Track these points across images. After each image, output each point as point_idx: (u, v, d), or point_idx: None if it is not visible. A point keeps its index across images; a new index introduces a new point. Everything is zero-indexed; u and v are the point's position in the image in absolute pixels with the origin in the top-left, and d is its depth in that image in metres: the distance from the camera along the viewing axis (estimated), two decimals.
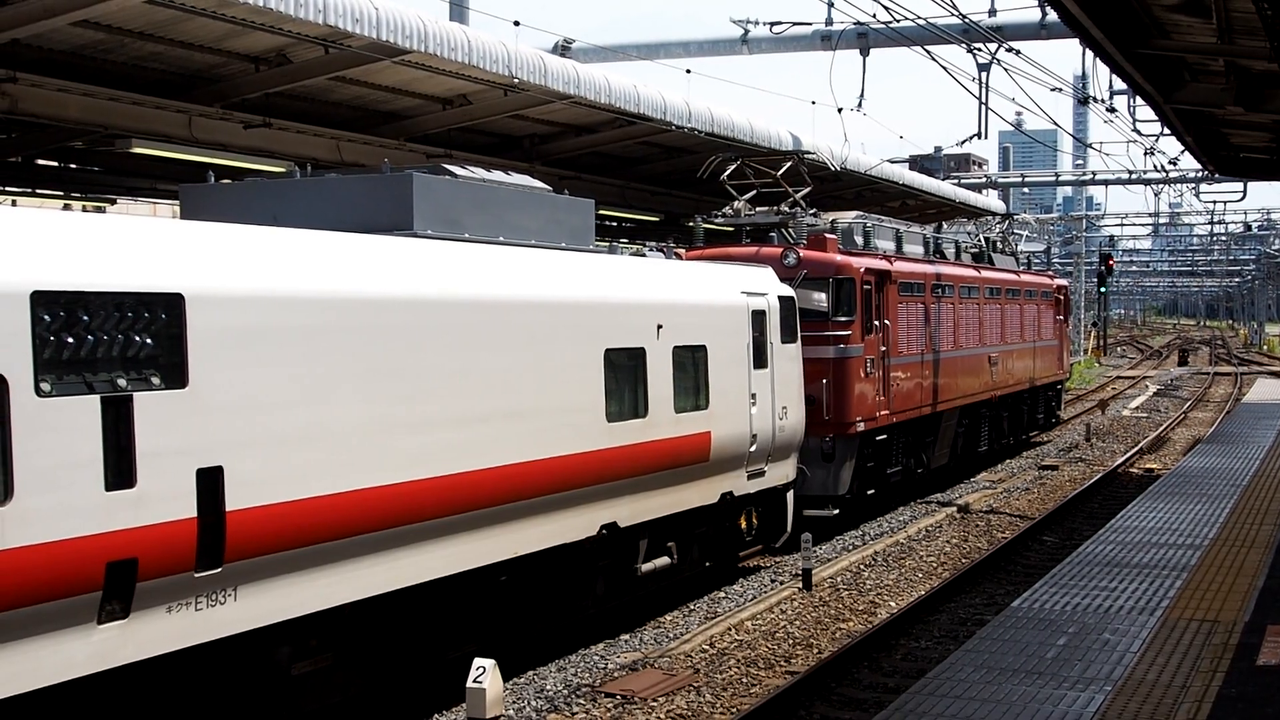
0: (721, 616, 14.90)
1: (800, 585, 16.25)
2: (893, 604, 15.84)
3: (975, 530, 20.74)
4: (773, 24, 29.13)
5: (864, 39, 27.57)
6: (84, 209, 21.57)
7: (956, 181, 46.78)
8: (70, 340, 7.97)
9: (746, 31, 29.23)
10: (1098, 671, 9.78)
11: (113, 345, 8.20)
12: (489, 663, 10.98)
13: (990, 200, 45.96)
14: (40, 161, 18.68)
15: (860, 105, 27.34)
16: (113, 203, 22.33)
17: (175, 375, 8.55)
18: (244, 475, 8.93)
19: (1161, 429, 35.20)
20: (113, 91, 15.27)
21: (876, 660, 13.31)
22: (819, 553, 18.46)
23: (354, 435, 9.87)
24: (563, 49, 27.98)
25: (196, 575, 8.68)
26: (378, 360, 10.15)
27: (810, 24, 28.80)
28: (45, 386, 7.77)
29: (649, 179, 26.32)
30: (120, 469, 8.14)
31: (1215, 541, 14.86)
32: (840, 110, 26.81)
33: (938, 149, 60.42)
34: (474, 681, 10.94)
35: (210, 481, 8.71)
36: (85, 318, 8.05)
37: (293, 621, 9.56)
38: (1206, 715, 8.74)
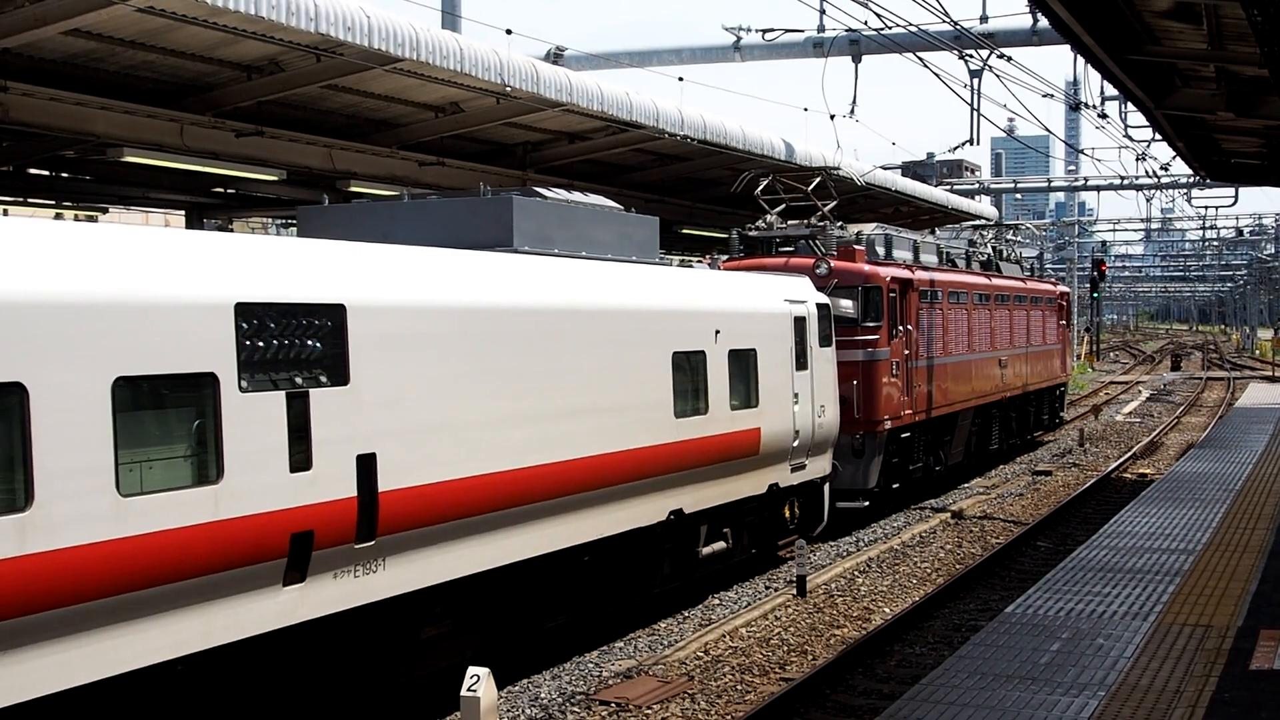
0: (716, 623, 14.89)
1: (794, 592, 16.24)
2: (887, 610, 15.83)
3: (969, 536, 20.74)
4: (765, 31, 29.14)
5: (856, 46, 27.59)
6: (76, 218, 21.57)
7: (949, 188, 46.82)
8: (261, 344, 9.28)
9: (738, 39, 29.24)
10: (1091, 677, 9.78)
11: (291, 348, 9.55)
12: (483, 671, 10.94)
13: (983, 206, 46.00)
14: (32, 170, 18.65)
15: (853, 112, 27.39)
16: (105, 211, 22.31)
17: (339, 374, 9.90)
18: (392, 461, 10.27)
19: (1154, 434, 35.25)
20: (104, 100, 15.25)
21: (871, 666, 13.30)
22: (813, 559, 18.47)
23: (472, 428, 11.23)
24: (555, 57, 27.99)
25: (356, 547, 9.99)
26: (489, 362, 11.53)
27: (802, 31, 28.81)
28: (244, 384, 9.09)
29: (642, 186, 26.34)
30: (300, 454, 9.48)
31: (1208, 546, 14.86)
32: (833, 117, 26.86)
33: (930, 155, 60.46)
34: (468, 690, 10.90)
35: (366, 466, 10.03)
36: (272, 325, 9.37)
37: (424, 590, 10.86)
38: None
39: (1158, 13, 13.36)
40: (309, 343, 9.65)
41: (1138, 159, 37.48)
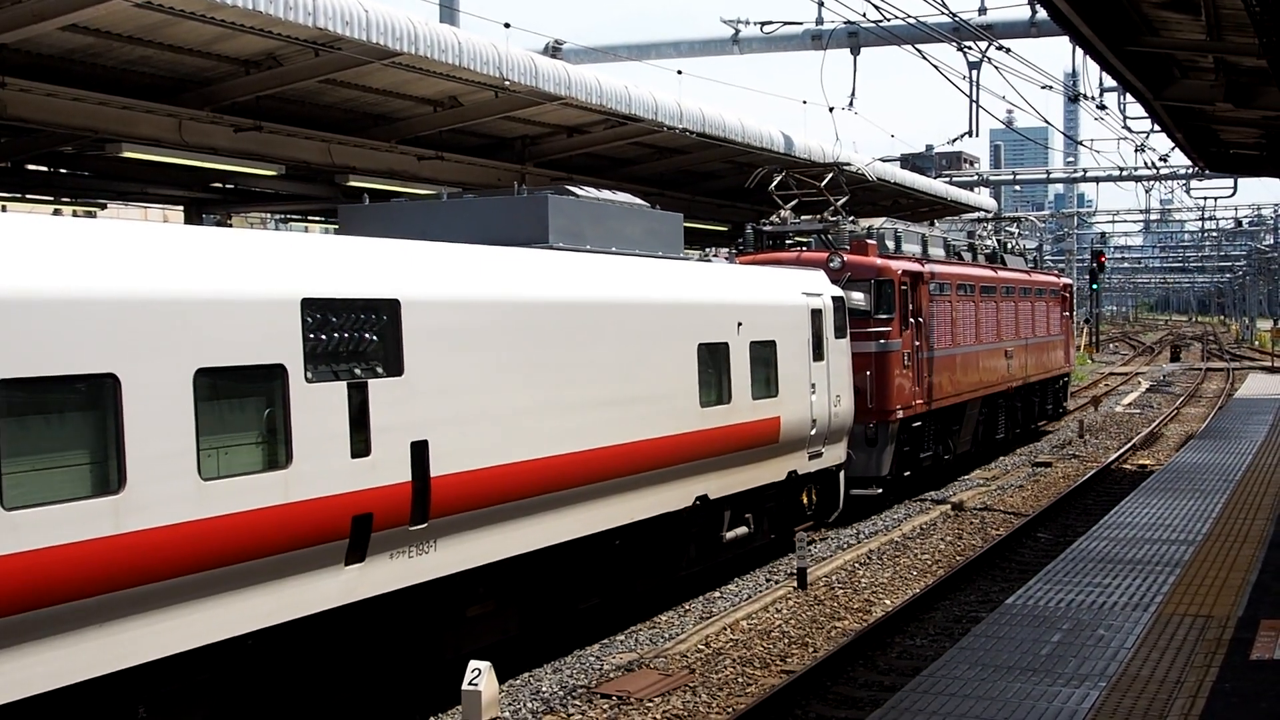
0: (716, 616, 14.90)
1: (795, 584, 16.25)
2: (888, 602, 15.84)
3: (969, 527, 20.75)
4: (763, 24, 29.14)
5: (854, 38, 27.60)
6: (74, 214, 21.55)
7: (948, 180, 46.81)
8: (324, 337, 9.82)
9: (737, 31, 29.22)
10: (1092, 668, 9.79)
11: (351, 341, 10.10)
12: (484, 665, 10.97)
13: (982, 198, 45.98)
14: (30, 166, 18.64)
15: (851, 104, 27.42)
16: (103, 207, 22.30)
17: (394, 365, 10.45)
18: (442, 448, 10.82)
19: (1154, 425, 35.25)
20: (102, 96, 15.23)
21: (872, 658, 13.31)
22: (814, 551, 18.48)
23: (514, 416, 11.80)
24: (553, 50, 27.98)
25: (410, 529, 10.55)
26: (528, 353, 12.07)
27: (801, 24, 28.82)
28: (309, 375, 9.62)
29: (641, 180, 26.33)
30: (360, 441, 10.02)
31: (1208, 537, 14.87)
32: (831, 109, 26.89)
33: (929, 147, 60.48)
34: (469, 684, 10.93)
35: (420, 452, 10.59)
36: (334, 319, 9.91)
37: (470, 571, 11.44)
38: (1201, 710, 8.74)
39: (1156, 4, 13.34)
40: (367, 336, 10.24)
41: (1137, 150, 37.57)
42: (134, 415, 8.30)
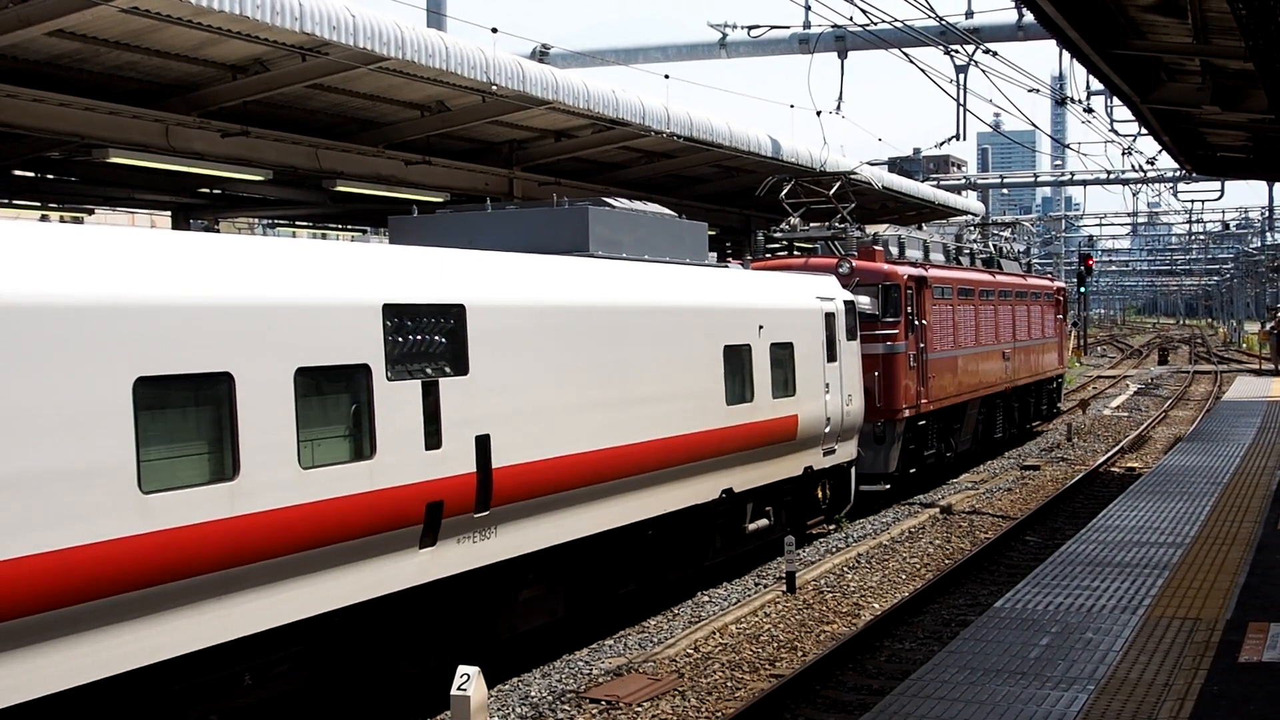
0: (705, 620, 14.89)
1: (784, 588, 16.25)
2: (876, 606, 15.84)
3: (958, 531, 20.77)
4: (750, 28, 29.18)
5: (842, 42, 27.65)
6: (61, 219, 21.50)
7: (936, 183, 46.92)
8: (402, 340, 10.67)
9: (724, 35, 29.26)
10: (1081, 671, 9.80)
11: (424, 343, 10.94)
12: (473, 670, 10.94)
13: (970, 202, 46.09)
14: (16, 172, 18.59)
15: (839, 108, 27.48)
16: (90, 212, 22.25)
17: (460, 365, 11.33)
18: (502, 441, 11.69)
19: (1142, 428, 35.33)
20: (89, 101, 15.20)
21: (860, 662, 13.31)
22: (802, 555, 18.49)
23: (562, 412, 12.66)
24: (540, 55, 27.98)
25: (475, 516, 11.43)
26: (573, 353, 12.92)
27: (788, 27, 28.86)
28: (390, 374, 10.47)
29: (629, 184, 26.33)
30: (432, 434, 10.89)
31: (1197, 539, 14.90)
32: (819, 113, 26.96)
33: (917, 151, 60.60)
34: (458, 689, 10.89)
35: (483, 445, 11.47)
36: (409, 323, 10.77)
37: (523, 557, 12.28)
38: (1189, 713, 8.75)
39: (1142, 7, 13.38)
40: (437, 338, 11.10)
41: (1124, 153, 37.67)
42: (246, 409, 9.17)
